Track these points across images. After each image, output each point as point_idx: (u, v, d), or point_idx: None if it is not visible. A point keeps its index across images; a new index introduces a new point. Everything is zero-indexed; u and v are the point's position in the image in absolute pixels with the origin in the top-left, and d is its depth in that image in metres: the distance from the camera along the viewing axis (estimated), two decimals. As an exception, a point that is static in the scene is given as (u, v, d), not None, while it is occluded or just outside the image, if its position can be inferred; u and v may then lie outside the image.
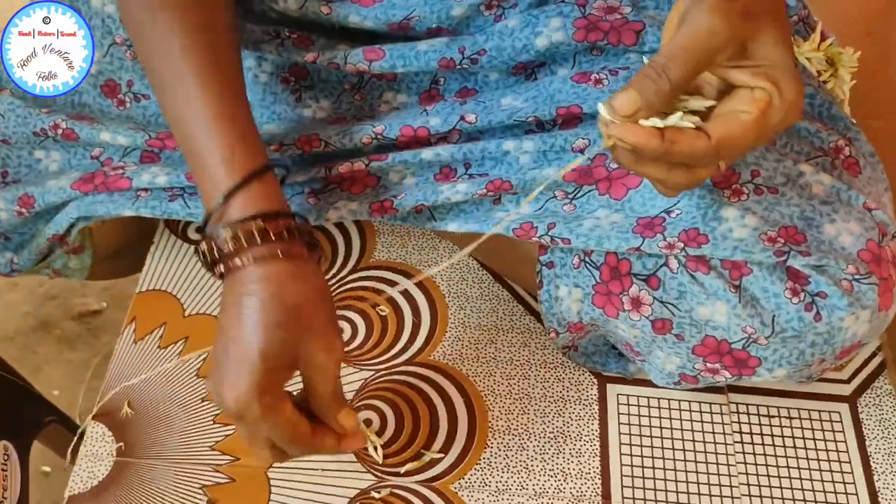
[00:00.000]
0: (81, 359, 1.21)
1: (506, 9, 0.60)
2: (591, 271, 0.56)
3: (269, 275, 0.47)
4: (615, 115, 0.41)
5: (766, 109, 0.41)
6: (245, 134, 0.50)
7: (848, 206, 0.52)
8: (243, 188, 0.48)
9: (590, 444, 0.61)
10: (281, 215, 0.49)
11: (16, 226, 0.66)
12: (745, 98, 0.42)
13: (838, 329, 0.51)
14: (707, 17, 0.40)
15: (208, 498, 0.58)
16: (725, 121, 0.41)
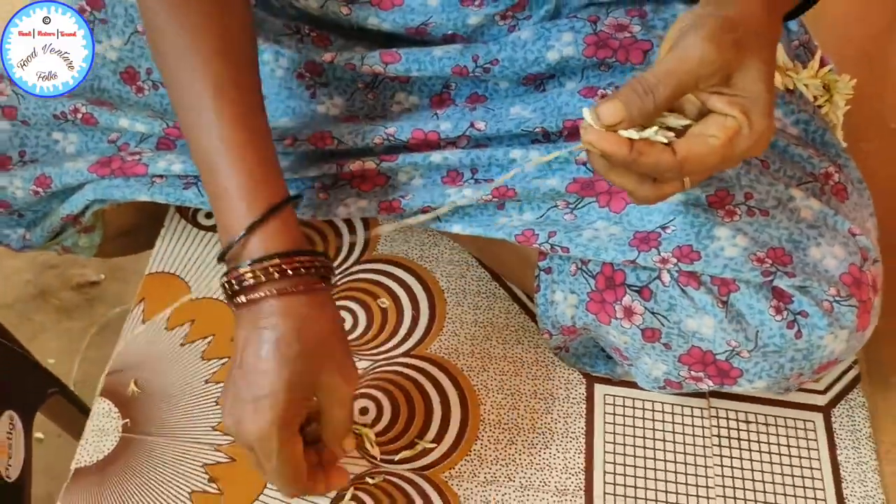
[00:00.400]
0: (78, 328, 1.23)
1: (520, 20, 0.62)
2: (586, 279, 0.58)
3: (288, 309, 0.49)
4: (597, 122, 0.44)
5: (733, 137, 0.43)
6: (264, 163, 0.52)
7: (833, 230, 0.55)
8: (264, 224, 0.50)
9: (575, 441, 0.64)
10: (300, 252, 0.50)
11: (31, 204, 0.68)
12: (716, 123, 0.44)
13: (817, 346, 0.54)
14: (701, 45, 0.43)
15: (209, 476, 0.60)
16: (693, 141, 0.44)
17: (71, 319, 1.24)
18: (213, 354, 0.66)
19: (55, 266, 1.28)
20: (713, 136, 0.44)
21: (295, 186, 0.64)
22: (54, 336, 1.22)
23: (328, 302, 0.52)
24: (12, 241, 0.72)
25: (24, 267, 1.27)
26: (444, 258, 0.72)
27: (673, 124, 0.46)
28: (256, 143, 0.52)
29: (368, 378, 0.66)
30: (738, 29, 0.44)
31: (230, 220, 0.50)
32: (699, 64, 0.43)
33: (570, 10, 0.61)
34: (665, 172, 0.45)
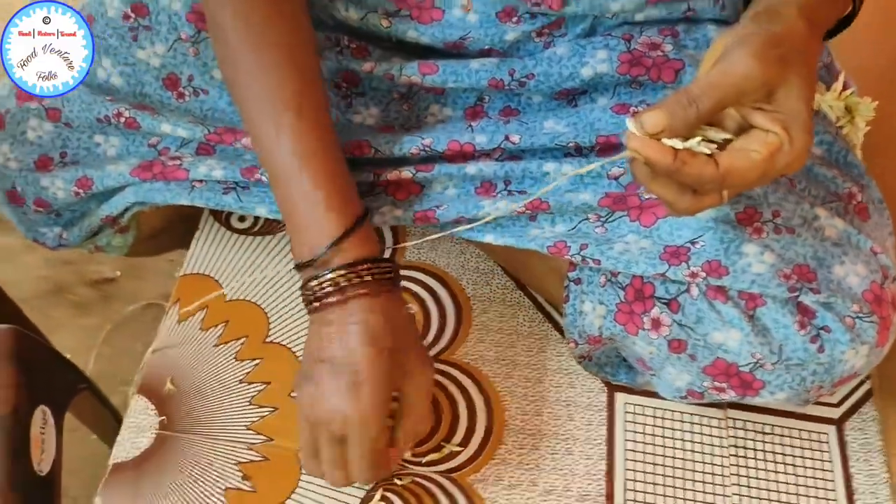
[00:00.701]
0: (93, 325, 1.24)
1: (555, 37, 0.64)
2: (616, 291, 0.60)
3: (376, 307, 0.54)
4: (641, 130, 0.46)
5: (774, 153, 0.45)
6: (345, 175, 0.57)
7: (856, 249, 0.57)
8: (353, 233, 0.54)
9: (597, 447, 0.66)
10: (380, 259, 0.55)
11: (70, 204, 0.70)
12: (758, 139, 0.46)
13: (838, 361, 0.56)
14: (747, 60, 0.44)
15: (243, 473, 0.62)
16: (736, 155, 0.45)
17: (86, 316, 1.25)
18: (246, 355, 0.68)
19: (71, 262, 1.30)
20: (755, 150, 0.45)
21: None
22: (70, 332, 1.23)
23: (401, 300, 0.58)
24: (48, 239, 0.74)
25: (40, 263, 1.28)
26: (470, 266, 0.74)
27: (714, 137, 0.47)
28: (336, 156, 0.57)
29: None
30: (783, 45, 0.45)
31: (315, 229, 0.54)
32: (743, 78, 0.44)
33: (605, 29, 0.63)
34: (707, 184, 0.46)
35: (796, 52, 0.46)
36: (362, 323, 0.53)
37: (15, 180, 0.69)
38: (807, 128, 0.46)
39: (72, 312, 1.26)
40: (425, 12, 0.62)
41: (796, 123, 0.46)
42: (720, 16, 0.63)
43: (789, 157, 0.46)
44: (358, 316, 0.53)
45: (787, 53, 0.45)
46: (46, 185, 0.68)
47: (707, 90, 0.45)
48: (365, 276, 0.53)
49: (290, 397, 0.66)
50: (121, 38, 0.65)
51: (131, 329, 1.24)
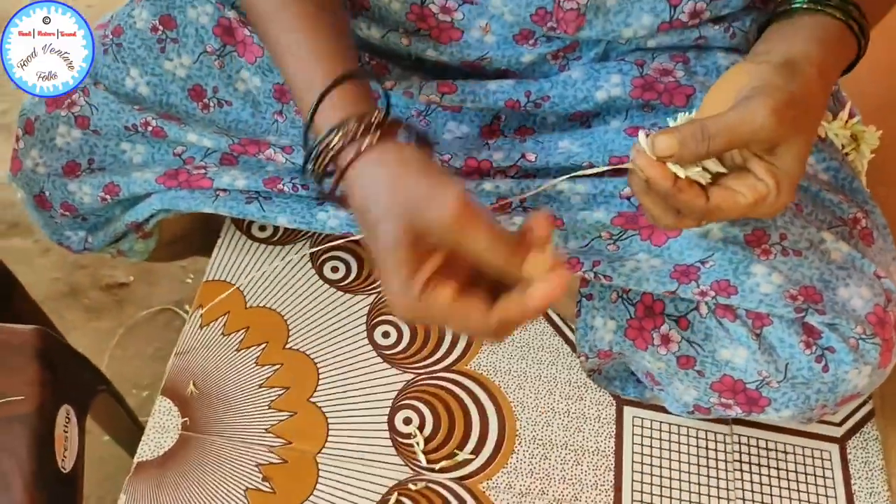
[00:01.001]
0: (106, 328, 1.26)
1: (570, 60, 0.66)
2: (626, 307, 0.62)
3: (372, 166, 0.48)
4: (650, 150, 0.48)
5: (759, 201, 0.48)
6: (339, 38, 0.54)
7: (861, 272, 0.59)
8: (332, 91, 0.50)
9: (605, 459, 0.68)
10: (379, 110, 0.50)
11: (95, 210, 0.72)
12: (748, 184, 0.49)
13: (842, 380, 0.58)
14: (765, 115, 0.47)
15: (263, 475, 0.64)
16: (725, 194, 0.49)
17: (99, 319, 1.27)
18: (266, 360, 0.70)
19: (85, 266, 1.32)
20: (743, 194, 0.48)
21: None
22: (83, 334, 1.25)
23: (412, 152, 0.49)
24: (73, 243, 0.76)
25: (55, 265, 1.31)
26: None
27: (711, 168, 0.50)
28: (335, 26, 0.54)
29: (411, 390, 0.69)
30: (798, 107, 0.48)
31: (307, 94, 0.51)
32: (758, 130, 0.47)
33: (618, 54, 0.66)
34: (693, 212, 0.50)
35: (808, 115, 0.49)
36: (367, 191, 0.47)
37: (43, 185, 0.71)
38: (794, 185, 0.49)
39: (85, 315, 1.28)
40: (445, 32, 0.64)
41: (787, 180, 0.49)
42: (730, 44, 0.65)
43: (770, 209, 0.49)
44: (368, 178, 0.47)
45: (800, 116, 0.48)
46: (74, 190, 0.71)
47: (723, 131, 0.47)
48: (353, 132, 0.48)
49: (308, 402, 0.68)
50: (148, 50, 0.68)
51: (143, 333, 1.26)
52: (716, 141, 0.47)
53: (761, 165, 0.48)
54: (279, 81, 0.69)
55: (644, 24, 0.60)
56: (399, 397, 0.69)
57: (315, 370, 0.69)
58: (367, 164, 0.48)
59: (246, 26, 0.67)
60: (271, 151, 0.67)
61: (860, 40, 0.54)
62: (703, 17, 0.62)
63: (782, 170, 0.48)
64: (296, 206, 0.68)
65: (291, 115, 0.70)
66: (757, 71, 0.50)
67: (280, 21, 0.55)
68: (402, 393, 0.69)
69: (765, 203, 0.48)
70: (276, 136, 0.70)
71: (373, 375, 0.70)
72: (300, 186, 0.67)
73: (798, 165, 0.49)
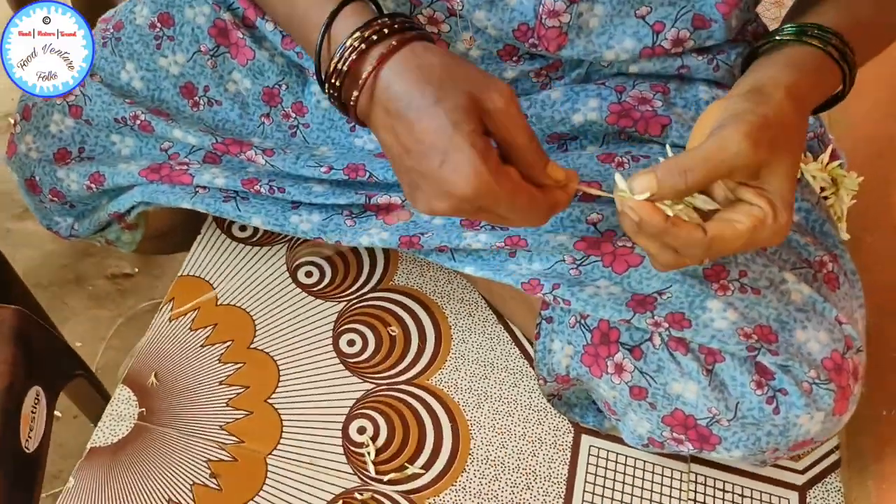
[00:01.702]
0: (107, 317, 1.28)
1: (553, 79, 0.66)
2: (584, 332, 0.62)
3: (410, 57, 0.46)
4: (630, 192, 0.48)
5: (758, 225, 0.47)
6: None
7: (821, 316, 0.58)
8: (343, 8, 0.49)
9: (556, 486, 0.67)
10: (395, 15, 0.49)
11: (83, 198, 0.74)
12: (743, 210, 0.48)
13: (793, 424, 0.57)
14: (739, 140, 0.46)
15: (211, 471, 0.64)
16: (722, 224, 0.47)
17: (101, 307, 1.30)
18: (229, 358, 0.70)
19: (93, 255, 1.35)
20: (740, 221, 0.47)
21: (325, 212, 0.69)
22: (83, 321, 1.28)
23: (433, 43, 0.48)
24: (61, 229, 0.78)
25: (63, 252, 1.34)
26: (455, 296, 0.76)
27: (700, 206, 0.49)
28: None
29: (370, 399, 0.70)
30: (773, 128, 0.47)
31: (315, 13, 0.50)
32: (735, 156, 0.46)
33: (600, 77, 0.66)
34: (691, 248, 0.48)
35: (784, 135, 0.48)
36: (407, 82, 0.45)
37: (34, 170, 0.73)
38: (789, 205, 0.48)
39: (87, 303, 1.31)
40: None
41: (780, 201, 0.48)
42: (713, 76, 0.65)
43: (771, 231, 0.48)
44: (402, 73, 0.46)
45: (777, 136, 0.47)
46: (62, 177, 0.73)
47: (699, 163, 0.47)
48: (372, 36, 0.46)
49: (265, 403, 0.68)
50: (145, 45, 0.70)
51: (142, 325, 1.27)
52: (693, 174, 0.47)
53: (750, 191, 0.48)
54: (268, 85, 0.70)
55: (626, 48, 0.61)
56: (356, 406, 0.69)
57: (276, 372, 0.70)
58: (404, 57, 0.46)
59: (240, 29, 0.68)
60: (252, 153, 0.69)
61: (844, 69, 0.54)
62: (686, 45, 0.61)
63: (772, 192, 0.47)
64: (271, 208, 0.69)
65: (278, 118, 0.71)
66: (727, 103, 0.50)
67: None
68: (359, 402, 0.69)
69: (765, 227, 0.47)
70: (260, 139, 0.71)
71: (333, 382, 0.70)
72: (276, 189, 0.68)
73: (787, 185, 0.48)
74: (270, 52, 0.70)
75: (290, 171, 0.67)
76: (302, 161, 0.67)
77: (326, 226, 0.68)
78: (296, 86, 0.71)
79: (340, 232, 0.68)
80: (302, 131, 0.71)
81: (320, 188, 0.68)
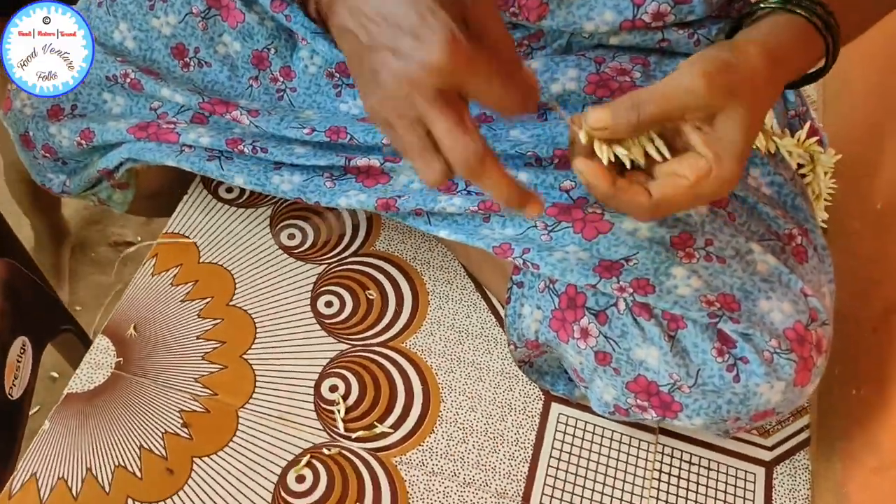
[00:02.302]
0: (108, 283, 1.31)
1: (534, 50, 0.67)
2: (552, 297, 0.62)
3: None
4: (585, 125, 0.48)
5: (701, 179, 0.47)
6: None
7: (786, 287, 0.58)
8: None
9: (523, 451, 0.68)
10: None
11: (74, 154, 0.76)
12: (689, 163, 0.48)
13: (753, 393, 0.57)
14: (693, 78, 0.46)
15: (183, 421, 0.66)
16: (665, 182, 0.48)
17: (103, 273, 1.33)
18: (208, 314, 0.72)
19: (98, 222, 1.37)
20: (684, 176, 0.48)
21: (306, 173, 0.70)
22: (85, 286, 1.30)
23: None
24: (54, 185, 0.80)
25: (69, 218, 1.36)
26: (435, 263, 0.77)
27: (653, 153, 0.49)
28: None
29: (344, 359, 0.71)
30: (734, 74, 0.47)
31: None
32: (685, 93, 0.46)
33: (580, 48, 0.66)
34: (636, 210, 0.49)
35: (746, 85, 0.48)
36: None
37: (28, 125, 0.75)
38: (739, 157, 0.48)
39: (90, 269, 1.33)
40: None
41: (728, 151, 0.48)
42: (694, 50, 0.65)
43: (716, 183, 0.48)
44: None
45: (737, 84, 0.47)
46: (54, 133, 0.74)
47: (652, 97, 0.47)
48: None
49: (241, 358, 0.69)
50: (139, 6, 0.71)
51: (142, 293, 1.30)
52: (645, 108, 0.47)
53: (700, 136, 0.48)
54: (257, 48, 0.71)
55: (606, 20, 0.61)
56: (330, 365, 0.70)
57: (253, 329, 0.71)
58: None
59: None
60: (238, 113, 0.70)
61: (827, 41, 0.54)
62: (667, 20, 0.62)
63: (722, 139, 0.47)
64: (254, 168, 0.70)
65: (266, 81, 0.72)
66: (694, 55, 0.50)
67: None
68: (333, 361, 0.70)
69: (708, 179, 0.47)
70: (247, 101, 0.72)
71: (308, 341, 0.71)
72: (260, 150, 0.69)
73: (740, 135, 0.47)
74: (260, 16, 0.71)
75: (274, 132, 0.69)
76: (286, 123, 0.68)
77: (307, 186, 0.69)
78: (284, 50, 0.72)
79: (320, 193, 0.69)
80: (289, 95, 0.73)
81: (302, 150, 0.69)
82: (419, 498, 0.64)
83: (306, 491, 0.64)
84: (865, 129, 0.80)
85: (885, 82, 0.80)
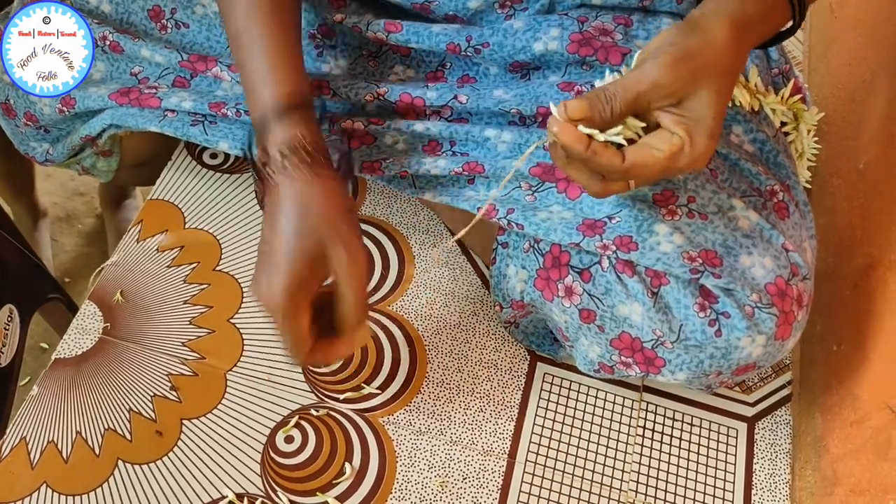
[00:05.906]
0: (96, 254, 1.30)
1: (517, 10, 0.66)
2: (537, 257, 0.63)
3: (300, 193, 0.54)
4: (564, 115, 0.49)
5: (675, 153, 0.49)
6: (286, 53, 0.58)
7: (767, 243, 0.59)
8: (284, 116, 0.55)
9: (509, 410, 0.69)
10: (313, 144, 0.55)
11: (56, 121, 0.75)
12: (663, 138, 0.49)
13: (735, 347, 0.58)
14: (657, 70, 0.48)
15: (171, 384, 0.66)
16: (640, 150, 0.49)
17: (91, 245, 1.32)
18: (194, 280, 0.72)
19: (83, 194, 1.36)
20: (658, 149, 0.49)
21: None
22: (72, 257, 1.30)
23: (340, 190, 0.56)
24: (37, 154, 0.79)
25: (55, 191, 1.35)
26: (421, 227, 0.77)
27: (631, 128, 0.51)
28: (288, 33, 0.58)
29: (331, 322, 0.71)
30: (696, 60, 0.49)
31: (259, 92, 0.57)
32: (651, 85, 0.49)
33: (563, 8, 0.66)
34: (613, 173, 0.50)
35: (709, 67, 0.49)
36: (285, 210, 0.54)
37: (8, 93, 0.74)
38: (710, 133, 0.49)
39: (77, 240, 1.33)
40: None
41: (699, 128, 0.49)
42: (677, 9, 0.65)
43: (689, 158, 0.49)
44: (283, 203, 0.54)
45: (699, 68, 0.49)
46: (35, 100, 0.73)
47: (621, 92, 0.49)
48: (287, 162, 0.54)
49: (228, 322, 0.70)
50: None
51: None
52: (617, 102, 0.49)
53: (671, 118, 0.49)
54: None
55: None
56: (317, 328, 0.70)
57: (240, 293, 0.71)
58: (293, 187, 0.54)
59: None
60: (218, 69, 0.69)
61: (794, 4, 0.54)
62: (649, -21, 0.62)
63: (692, 119, 0.49)
64: (238, 132, 0.69)
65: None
66: (665, 32, 0.51)
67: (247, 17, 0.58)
68: (320, 324, 0.71)
69: (682, 153, 0.49)
70: (228, 59, 0.72)
71: (295, 305, 0.71)
72: (243, 112, 0.68)
73: (709, 113, 0.49)
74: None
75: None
76: (267, 81, 0.68)
77: (291, 150, 0.68)
78: (263, 11, 0.71)
79: (305, 156, 0.69)
80: (269, 55, 0.72)
81: None
82: (407, 456, 0.65)
83: (295, 451, 0.64)
84: (849, 90, 0.80)
85: (869, 44, 0.80)
